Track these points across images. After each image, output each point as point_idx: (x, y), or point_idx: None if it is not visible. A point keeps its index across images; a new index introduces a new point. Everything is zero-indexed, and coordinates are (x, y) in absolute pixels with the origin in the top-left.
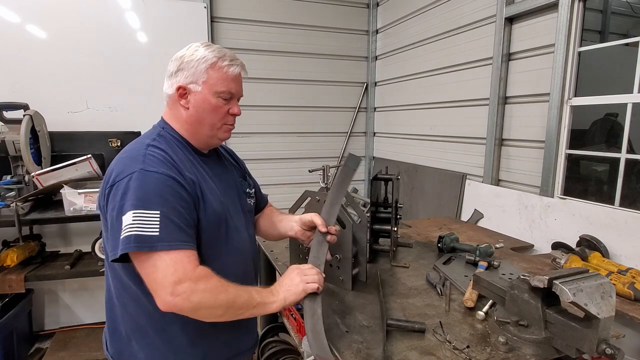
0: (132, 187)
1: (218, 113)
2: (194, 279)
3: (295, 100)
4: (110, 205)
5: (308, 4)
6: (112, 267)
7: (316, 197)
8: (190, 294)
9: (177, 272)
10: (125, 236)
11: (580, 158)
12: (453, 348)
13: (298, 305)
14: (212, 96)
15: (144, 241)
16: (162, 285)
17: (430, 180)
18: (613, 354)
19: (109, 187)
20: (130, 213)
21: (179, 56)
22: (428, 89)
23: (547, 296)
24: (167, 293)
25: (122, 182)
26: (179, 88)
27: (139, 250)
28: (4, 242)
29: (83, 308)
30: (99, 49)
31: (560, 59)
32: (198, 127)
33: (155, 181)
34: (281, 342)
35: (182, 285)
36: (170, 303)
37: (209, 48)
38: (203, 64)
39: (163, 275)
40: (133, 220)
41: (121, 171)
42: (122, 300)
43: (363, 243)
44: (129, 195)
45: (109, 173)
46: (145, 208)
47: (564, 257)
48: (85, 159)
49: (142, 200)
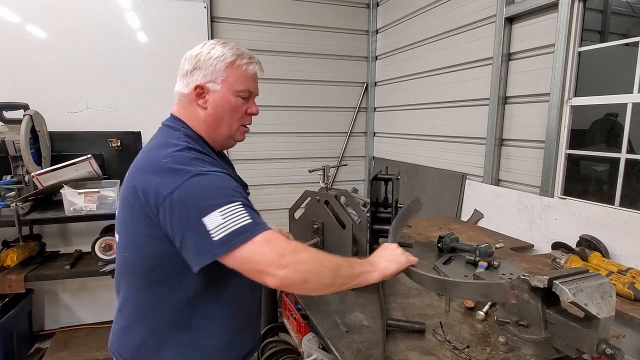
0: (200, 188)
1: (237, 113)
2: (293, 251)
3: (295, 100)
4: (175, 216)
5: (308, 4)
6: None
7: (316, 197)
8: (296, 264)
9: (275, 248)
10: (227, 234)
11: (580, 158)
12: (453, 348)
13: (298, 305)
14: (232, 95)
15: (244, 232)
16: (267, 264)
17: (430, 180)
18: (613, 354)
19: (165, 197)
20: (215, 213)
21: (193, 54)
22: (428, 89)
23: (547, 296)
24: (275, 268)
25: (185, 186)
26: (196, 87)
27: (243, 242)
28: (4, 242)
29: (83, 308)
30: (99, 49)
31: (560, 59)
32: (216, 127)
33: (219, 179)
34: (281, 342)
35: (285, 257)
36: (281, 276)
37: (226, 46)
38: (222, 62)
39: (264, 256)
40: (224, 219)
41: (175, 177)
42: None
43: (363, 243)
44: (201, 197)
45: (155, 181)
46: (228, 203)
47: (564, 257)
48: (85, 159)
49: (219, 197)
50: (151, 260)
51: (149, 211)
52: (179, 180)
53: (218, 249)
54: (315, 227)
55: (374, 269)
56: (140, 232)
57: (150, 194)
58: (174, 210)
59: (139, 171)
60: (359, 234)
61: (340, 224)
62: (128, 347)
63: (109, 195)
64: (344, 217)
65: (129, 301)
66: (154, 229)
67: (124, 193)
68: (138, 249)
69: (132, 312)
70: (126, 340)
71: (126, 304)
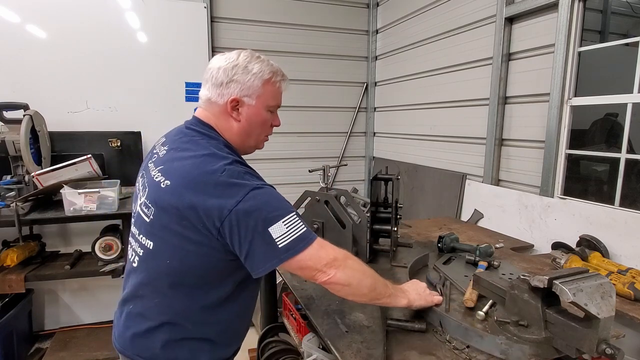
0: (262, 200)
1: (265, 125)
2: (343, 257)
3: (295, 100)
4: (241, 228)
5: (308, 4)
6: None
7: (316, 197)
8: (344, 267)
9: (328, 252)
10: (290, 241)
11: (580, 158)
12: (453, 348)
13: (298, 305)
14: (264, 110)
15: (305, 238)
16: (323, 265)
17: (430, 180)
18: (613, 354)
19: (229, 212)
20: (279, 223)
21: (229, 66)
22: (428, 89)
23: (547, 296)
24: (328, 267)
25: (246, 200)
26: (232, 100)
27: (305, 247)
28: (4, 242)
29: (83, 308)
30: (99, 49)
31: (560, 59)
32: (246, 138)
33: (273, 191)
34: (281, 342)
35: (337, 261)
36: (332, 274)
37: (262, 62)
38: (259, 80)
39: (320, 258)
40: (287, 228)
41: (237, 191)
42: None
43: (363, 243)
44: (266, 209)
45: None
46: (287, 214)
47: (564, 257)
48: (85, 159)
49: (281, 208)
50: (198, 268)
51: (210, 225)
52: (241, 194)
53: (284, 254)
54: (315, 227)
55: (404, 296)
56: (190, 241)
57: (214, 210)
58: (240, 221)
59: (194, 186)
60: (359, 234)
61: (340, 224)
62: (151, 348)
63: (109, 195)
64: (343, 217)
65: (159, 305)
66: (211, 240)
67: (173, 204)
68: (184, 256)
69: (160, 315)
70: (152, 342)
71: (152, 308)
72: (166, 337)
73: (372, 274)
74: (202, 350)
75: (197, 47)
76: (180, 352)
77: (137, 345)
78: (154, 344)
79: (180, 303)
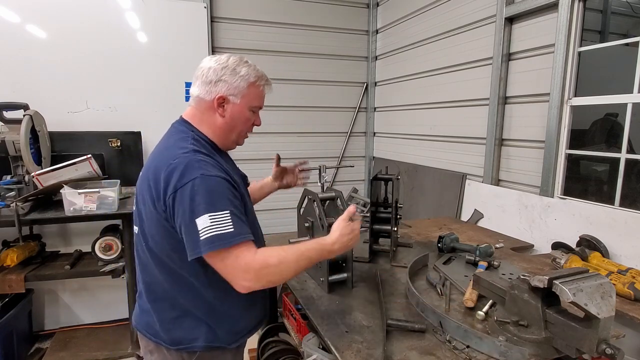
0: (198, 191)
1: (247, 124)
2: (257, 268)
3: (295, 100)
4: (179, 210)
5: (308, 4)
6: (163, 263)
7: (309, 196)
8: (258, 278)
9: (240, 262)
10: (209, 237)
11: (580, 158)
12: (453, 348)
13: (298, 305)
14: (247, 109)
15: (224, 239)
16: (236, 274)
17: (430, 180)
18: (613, 354)
19: (172, 193)
20: (205, 216)
21: (218, 67)
22: (428, 89)
23: (547, 296)
24: (241, 279)
25: (186, 187)
26: (219, 98)
27: (222, 247)
28: (4, 242)
29: (83, 308)
30: (99, 49)
31: (560, 59)
32: (229, 133)
33: (217, 184)
34: (281, 342)
35: (249, 272)
36: (247, 287)
37: (250, 66)
38: (245, 81)
39: (233, 266)
40: (210, 223)
41: (180, 177)
42: (170, 292)
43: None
44: (197, 200)
45: (162, 180)
46: (217, 210)
47: (564, 257)
48: (85, 159)
49: (213, 203)
50: (166, 246)
51: (159, 207)
52: (183, 180)
53: (202, 247)
54: (306, 225)
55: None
56: (159, 225)
57: (162, 192)
58: (176, 208)
59: (152, 171)
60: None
61: (321, 225)
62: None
63: (109, 195)
64: (323, 220)
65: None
66: (167, 219)
67: (140, 190)
68: (155, 235)
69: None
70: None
71: (147, 287)
72: (160, 316)
73: (291, 261)
74: (199, 331)
75: (197, 47)
76: (176, 331)
77: (142, 322)
78: (153, 321)
79: (166, 282)
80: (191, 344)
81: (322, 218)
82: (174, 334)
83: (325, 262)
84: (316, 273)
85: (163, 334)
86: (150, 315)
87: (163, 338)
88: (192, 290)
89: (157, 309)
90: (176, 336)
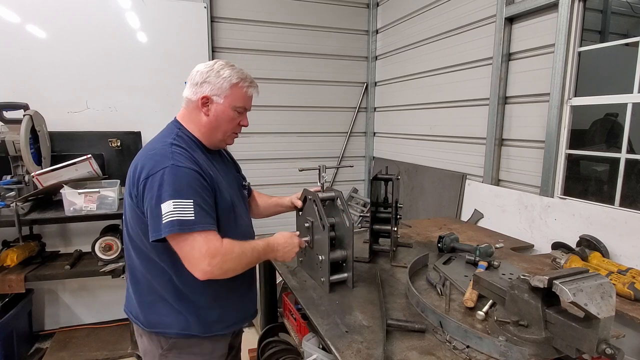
0: (167, 180)
1: (232, 123)
2: (223, 253)
3: (295, 100)
4: (147, 195)
5: (308, 4)
6: (138, 248)
7: (309, 196)
8: (222, 264)
9: (210, 248)
10: (169, 220)
11: (580, 158)
12: (453, 348)
13: (298, 305)
14: (231, 109)
15: (184, 224)
16: (199, 259)
17: (430, 180)
18: (613, 354)
19: (144, 179)
20: (170, 202)
21: (205, 70)
22: (428, 89)
23: (547, 296)
24: (205, 265)
25: (157, 175)
26: (203, 97)
27: (181, 232)
28: (4, 242)
29: (83, 308)
30: (99, 49)
31: (560, 59)
32: (214, 132)
33: (185, 174)
34: (281, 342)
35: (215, 258)
36: (208, 272)
37: (233, 69)
38: (227, 82)
39: (199, 251)
40: (174, 208)
41: (153, 166)
42: (146, 276)
43: (351, 249)
44: (165, 187)
45: (138, 168)
46: (182, 197)
47: (564, 257)
48: (85, 159)
49: (178, 191)
50: (138, 230)
51: (133, 193)
52: (155, 169)
53: (162, 230)
54: (306, 225)
55: (273, 256)
56: (133, 210)
57: (136, 179)
58: (146, 193)
59: (134, 163)
60: (347, 239)
61: (321, 225)
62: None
63: (109, 195)
64: (324, 220)
65: (130, 268)
66: (140, 207)
67: (128, 179)
68: (130, 219)
69: (132, 277)
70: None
71: (129, 272)
72: (140, 298)
73: (246, 255)
74: (173, 318)
75: (197, 47)
76: (152, 315)
77: (129, 305)
78: (133, 304)
79: (142, 267)
80: (165, 330)
81: (322, 218)
82: (151, 318)
83: (326, 262)
84: (316, 273)
85: (142, 317)
86: (133, 299)
87: (142, 321)
88: (164, 275)
89: (136, 291)
90: (153, 320)
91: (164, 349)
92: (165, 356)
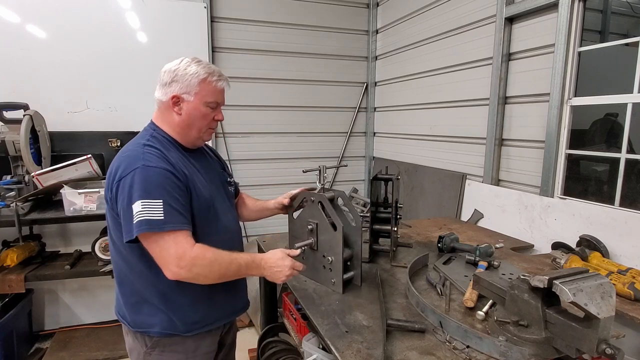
0: (137, 180)
1: (206, 119)
2: (193, 257)
3: (295, 100)
4: (120, 197)
5: (308, 4)
6: (119, 250)
7: (311, 198)
8: (191, 267)
9: (179, 249)
10: (138, 221)
11: (580, 158)
12: (453, 348)
13: (298, 305)
14: (202, 105)
15: (152, 224)
16: (168, 259)
17: (430, 180)
18: (613, 354)
19: (117, 182)
20: (139, 202)
21: (172, 69)
22: (428, 89)
23: (547, 296)
24: (174, 265)
25: (128, 177)
26: (173, 97)
27: (149, 231)
28: (4, 242)
29: (83, 308)
30: (99, 49)
31: (560, 59)
32: (188, 130)
33: (155, 174)
34: (281, 342)
35: (183, 260)
36: (176, 273)
37: (200, 64)
38: (195, 79)
39: (168, 252)
40: (142, 208)
41: (125, 168)
42: (129, 278)
43: (358, 247)
44: (135, 188)
45: (113, 170)
46: (151, 197)
47: (564, 257)
48: (85, 159)
49: (147, 191)
50: (115, 230)
51: (108, 196)
52: (126, 171)
53: (133, 230)
54: (309, 228)
55: (259, 273)
56: (109, 213)
57: (110, 182)
58: (118, 195)
59: (111, 165)
60: (354, 237)
61: (332, 226)
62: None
63: None
64: (335, 219)
65: (115, 269)
66: (114, 209)
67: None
68: (109, 220)
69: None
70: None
71: (115, 273)
72: (125, 299)
73: (220, 264)
74: (156, 318)
75: (197, 47)
76: (137, 315)
77: (117, 306)
78: (120, 305)
79: (125, 268)
80: (148, 329)
81: (333, 218)
82: (135, 318)
83: (339, 263)
84: (322, 275)
85: (128, 317)
86: (120, 300)
87: (128, 321)
88: (146, 277)
89: (122, 292)
90: (137, 320)
91: (148, 347)
92: (149, 354)
